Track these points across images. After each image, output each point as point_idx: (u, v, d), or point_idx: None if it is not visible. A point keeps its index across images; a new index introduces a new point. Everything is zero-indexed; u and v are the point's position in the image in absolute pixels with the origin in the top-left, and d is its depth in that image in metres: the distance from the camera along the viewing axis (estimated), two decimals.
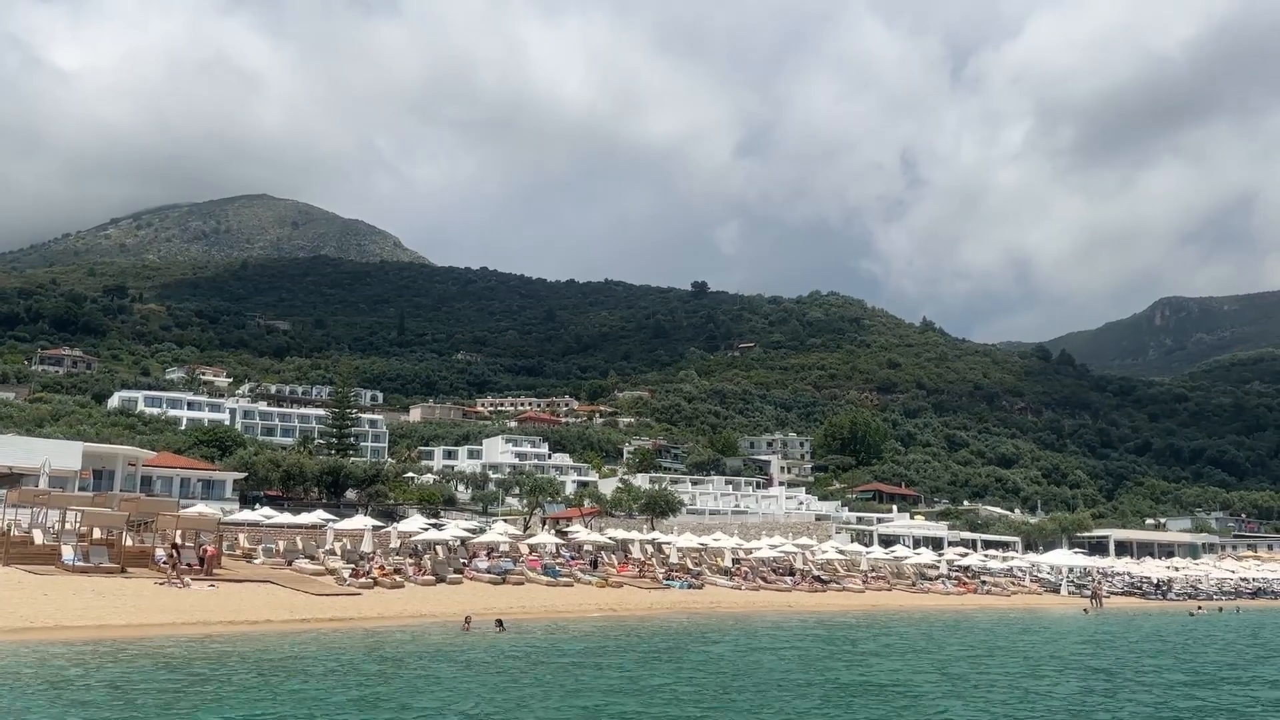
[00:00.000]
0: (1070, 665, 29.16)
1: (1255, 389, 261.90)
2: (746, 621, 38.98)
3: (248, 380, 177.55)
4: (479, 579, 42.30)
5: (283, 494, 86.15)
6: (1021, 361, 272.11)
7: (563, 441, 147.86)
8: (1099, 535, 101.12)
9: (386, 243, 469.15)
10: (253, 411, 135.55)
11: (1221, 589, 73.47)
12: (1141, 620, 51.02)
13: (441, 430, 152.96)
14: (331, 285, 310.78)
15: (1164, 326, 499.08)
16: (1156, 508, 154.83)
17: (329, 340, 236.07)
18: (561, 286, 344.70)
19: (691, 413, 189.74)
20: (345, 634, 27.85)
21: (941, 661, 28.32)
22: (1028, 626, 43.71)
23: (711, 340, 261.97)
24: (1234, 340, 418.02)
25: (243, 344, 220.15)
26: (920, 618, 44.14)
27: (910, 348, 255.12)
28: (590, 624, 34.20)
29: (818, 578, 55.53)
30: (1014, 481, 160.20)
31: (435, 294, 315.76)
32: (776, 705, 19.42)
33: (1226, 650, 36.21)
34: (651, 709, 18.68)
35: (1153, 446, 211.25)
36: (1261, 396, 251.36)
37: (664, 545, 56.81)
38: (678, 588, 47.22)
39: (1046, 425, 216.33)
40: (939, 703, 20.58)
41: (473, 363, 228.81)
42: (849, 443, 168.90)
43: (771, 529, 74.77)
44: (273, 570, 39.79)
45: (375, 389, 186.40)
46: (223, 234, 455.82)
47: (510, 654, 25.61)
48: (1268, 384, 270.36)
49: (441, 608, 33.79)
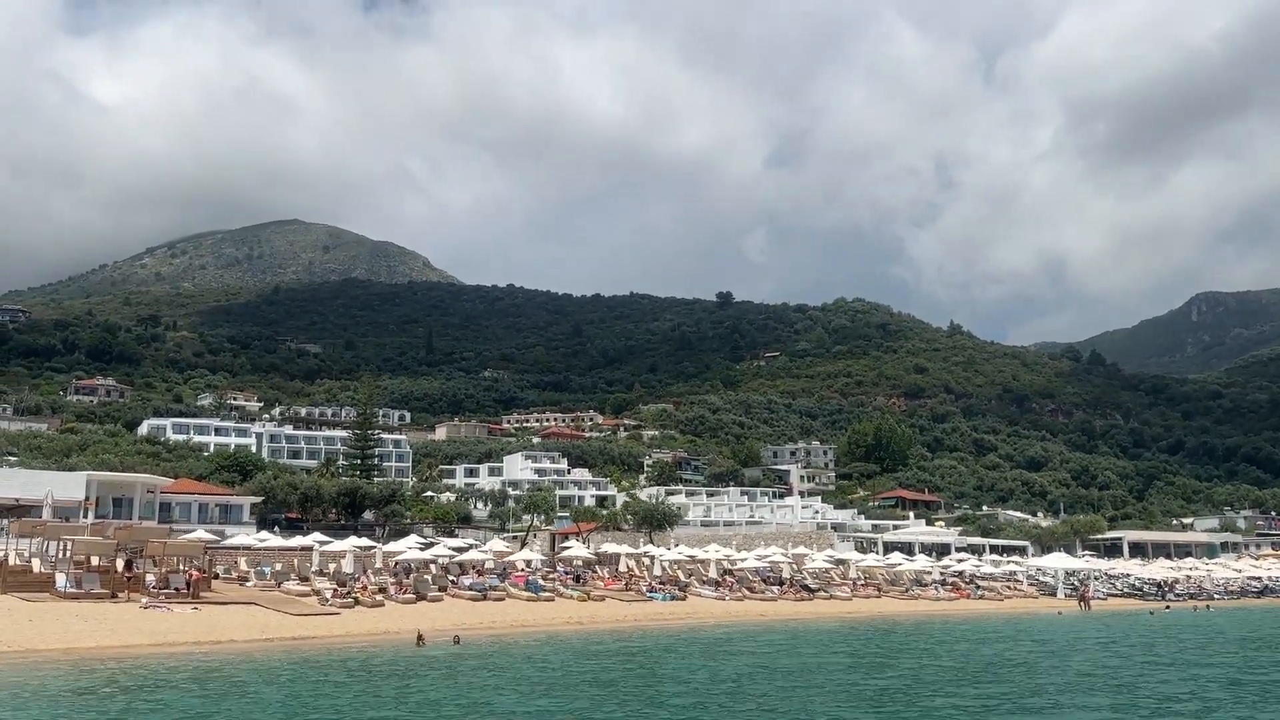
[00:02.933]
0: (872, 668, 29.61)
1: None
2: (697, 631, 40.06)
3: (278, 404, 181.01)
4: (460, 596, 43.59)
5: (301, 516, 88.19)
6: (1052, 363, 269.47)
7: (584, 456, 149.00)
8: (1113, 537, 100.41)
9: (416, 263, 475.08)
10: (279, 435, 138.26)
11: (1227, 589, 73.00)
12: (1107, 619, 51.49)
13: (465, 448, 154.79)
14: (361, 307, 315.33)
15: (1201, 322, 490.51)
16: (1187, 507, 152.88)
17: (359, 362, 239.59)
18: (588, 301, 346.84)
19: (716, 424, 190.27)
20: (287, 653, 29.04)
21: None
22: (965, 633, 43.81)
23: (737, 350, 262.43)
24: (1274, 334, 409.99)
25: (274, 368, 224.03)
26: (869, 623, 45.13)
27: (938, 352, 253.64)
28: (546, 638, 35.37)
29: (805, 586, 56.22)
30: (1041, 485, 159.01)
31: (463, 312, 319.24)
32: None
33: (1099, 652, 36.13)
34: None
35: (1186, 445, 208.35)
36: None
37: (651, 558, 57.82)
38: (660, 600, 48.20)
39: (1077, 427, 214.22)
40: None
41: (499, 380, 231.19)
42: (873, 450, 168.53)
43: (771, 539, 75.38)
44: (261, 592, 41.38)
45: (403, 409, 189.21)
46: (256, 259, 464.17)
47: (416, 669, 26.84)
48: None
49: (411, 625, 35.09)
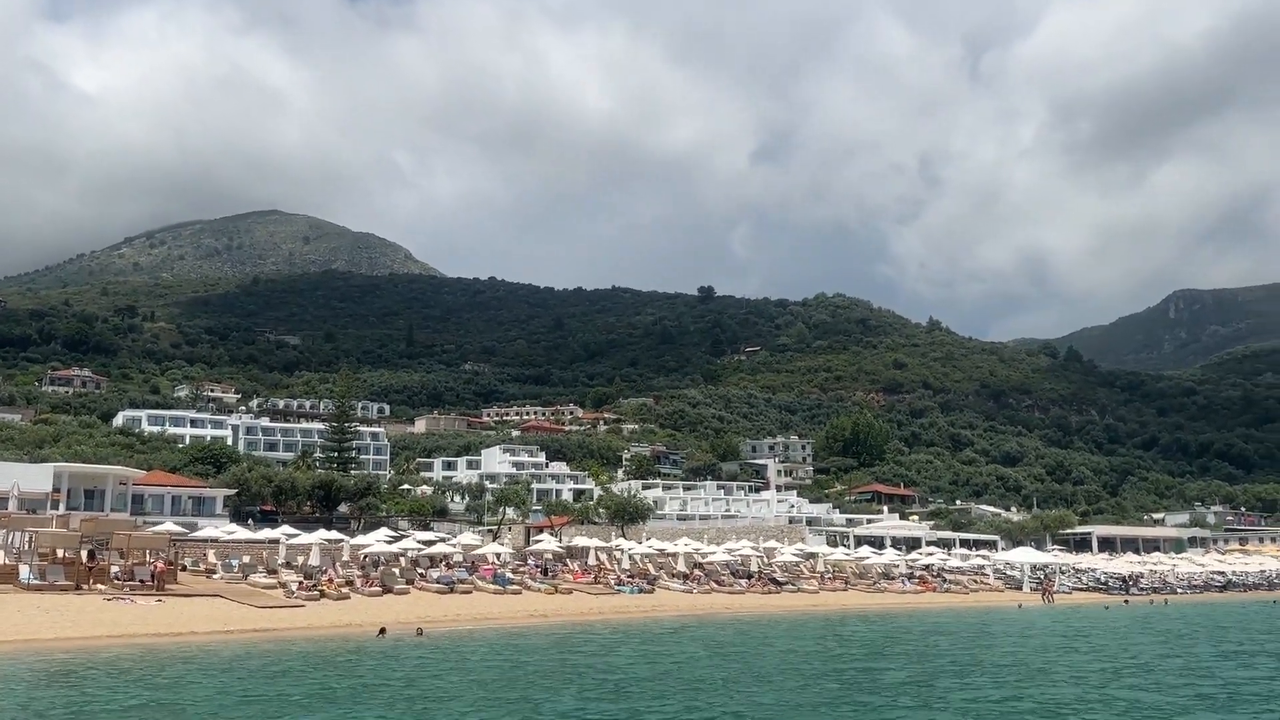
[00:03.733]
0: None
1: (1267, 380, 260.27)
2: (654, 624, 40.69)
3: (256, 396, 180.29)
4: (427, 589, 43.87)
5: (275, 509, 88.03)
6: (1030, 359, 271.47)
7: (563, 450, 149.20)
8: (1082, 532, 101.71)
9: (397, 255, 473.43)
10: (255, 427, 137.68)
11: (1190, 584, 74.14)
12: (1064, 613, 52.41)
13: (444, 441, 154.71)
14: (342, 299, 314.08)
15: (1178, 319, 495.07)
16: (1159, 503, 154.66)
17: (338, 354, 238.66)
18: (569, 294, 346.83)
19: (695, 418, 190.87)
20: (245, 645, 29.29)
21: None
22: (910, 625, 44.57)
23: (718, 345, 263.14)
24: (1249, 332, 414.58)
25: (252, 360, 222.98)
26: (825, 616, 45.96)
27: (917, 348, 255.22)
28: (507, 631, 35.80)
29: (773, 579, 56.79)
30: (1016, 480, 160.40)
31: (444, 305, 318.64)
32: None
33: (1024, 644, 37.09)
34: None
35: (1160, 441, 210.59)
36: (1272, 389, 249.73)
37: (620, 552, 58.21)
38: (628, 593, 48.62)
39: (1053, 422, 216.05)
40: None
41: (480, 373, 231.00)
42: (851, 444, 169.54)
43: (745, 533, 75.98)
44: (227, 585, 41.53)
45: (383, 402, 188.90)
46: (235, 250, 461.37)
47: (364, 660, 27.13)
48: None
49: (375, 617, 35.39)
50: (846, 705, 21.33)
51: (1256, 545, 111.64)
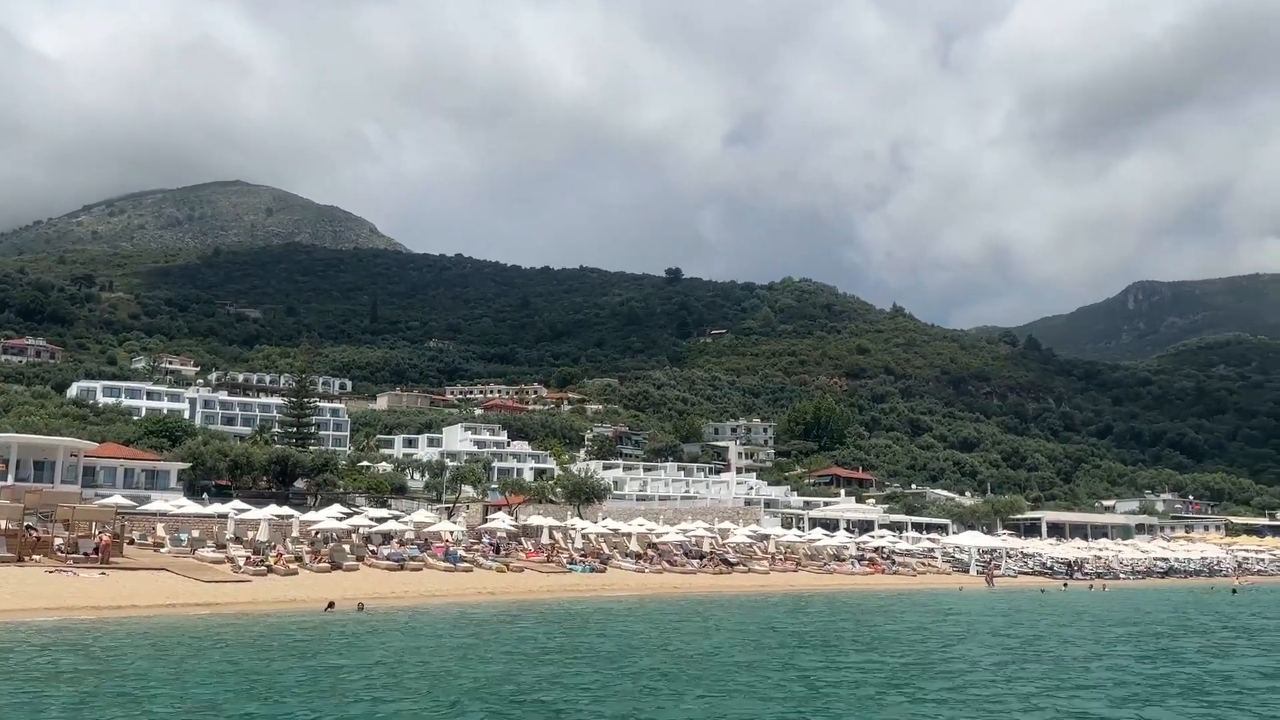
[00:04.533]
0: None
1: (1219, 373, 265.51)
2: (604, 602, 41.28)
3: (215, 369, 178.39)
4: (377, 566, 43.96)
5: (231, 484, 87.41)
6: (990, 347, 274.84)
7: (525, 429, 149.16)
8: (1032, 517, 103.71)
9: (362, 229, 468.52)
10: (213, 401, 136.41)
11: (1134, 569, 75.93)
12: (1000, 596, 53.67)
13: (405, 419, 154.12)
14: (305, 272, 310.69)
15: (1137, 310, 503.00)
16: (1111, 490, 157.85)
17: (300, 328, 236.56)
18: (537, 273, 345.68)
19: (660, 399, 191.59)
20: (186, 619, 29.28)
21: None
22: (839, 604, 45.58)
23: (684, 327, 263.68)
24: (1205, 324, 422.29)
25: (212, 332, 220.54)
26: (764, 595, 46.86)
27: (880, 334, 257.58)
28: (451, 607, 36.11)
29: (725, 560, 57.47)
30: (971, 465, 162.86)
31: (409, 281, 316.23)
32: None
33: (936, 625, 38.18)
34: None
35: (1114, 430, 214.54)
36: (1224, 380, 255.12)
37: (574, 531, 58.64)
38: (580, 571, 49.01)
39: (1011, 409, 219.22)
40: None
41: (444, 350, 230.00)
42: (812, 428, 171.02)
43: (702, 514, 76.64)
44: (174, 559, 41.34)
45: (345, 377, 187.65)
46: (197, 220, 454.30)
47: (290, 635, 27.51)
48: (1233, 367, 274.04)
49: (322, 593, 35.45)
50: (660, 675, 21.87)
51: (1201, 533, 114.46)
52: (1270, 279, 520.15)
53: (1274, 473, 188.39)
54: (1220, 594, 62.26)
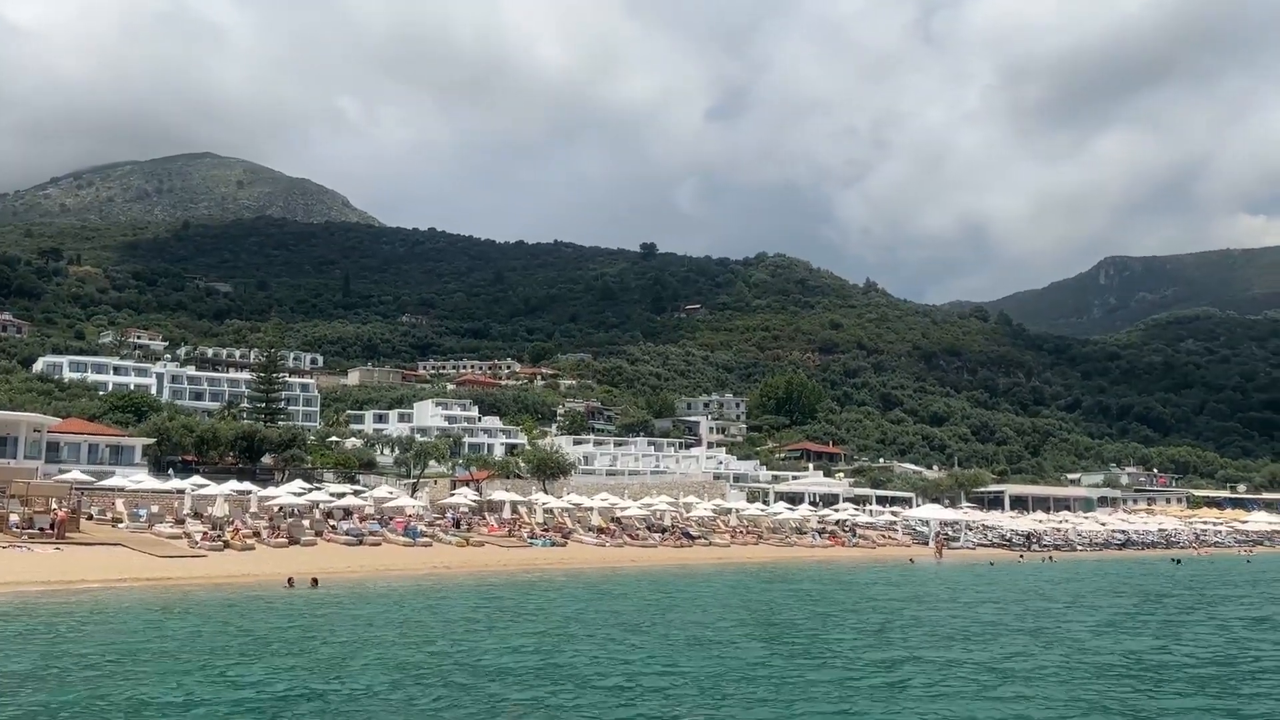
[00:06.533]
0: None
1: (1187, 347, 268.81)
2: (570, 574, 41.78)
3: (184, 344, 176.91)
4: (335, 541, 44.17)
5: (197, 460, 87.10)
6: (961, 322, 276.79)
7: (498, 404, 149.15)
8: (995, 490, 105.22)
9: (335, 202, 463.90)
10: (181, 376, 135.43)
11: (1092, 542, 77.30)
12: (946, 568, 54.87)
13: (377, 394, 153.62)
14: (276, 246, 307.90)
15: (1108, 285, 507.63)
16: (1078, 463, 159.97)
17: (271, 302, 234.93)
18: (511, 248, 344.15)
19: (633, 375, 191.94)
20: (136, 594, 29.46)
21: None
22: (778, 575, 46.32)
23: (659, 302, 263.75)
24: (1175, 299, 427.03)
25: (181, 306, 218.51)
26: (716, 568, 47.93)
27: (853, 309, 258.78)
28: (405, 582, 36.49)
29: (686, 533, 58.06)
30: (941, 439, 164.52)
31: (382, 255, 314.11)
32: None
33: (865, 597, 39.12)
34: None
35: (1082, 404, 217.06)
36: (1191, 354, 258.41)
37: (536, 505, 59.03)
38: (540, 546, 49.39)
39: (981, 384, 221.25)
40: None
41: (417, 325, 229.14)
42: (784, 403, 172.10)
43: (670, 488, 77.22)
44: (130, 534, 41.36)
45: (316, 352, 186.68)
46: (166, 193, 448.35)
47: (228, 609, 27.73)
48: (1201, 342, 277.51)
49: (278, 569, 35.64)
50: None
51: (1162, 505, 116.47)
52: (1241, 254, 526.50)
53: (1238, 446, 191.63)
54: (1165, 564, 63.54)
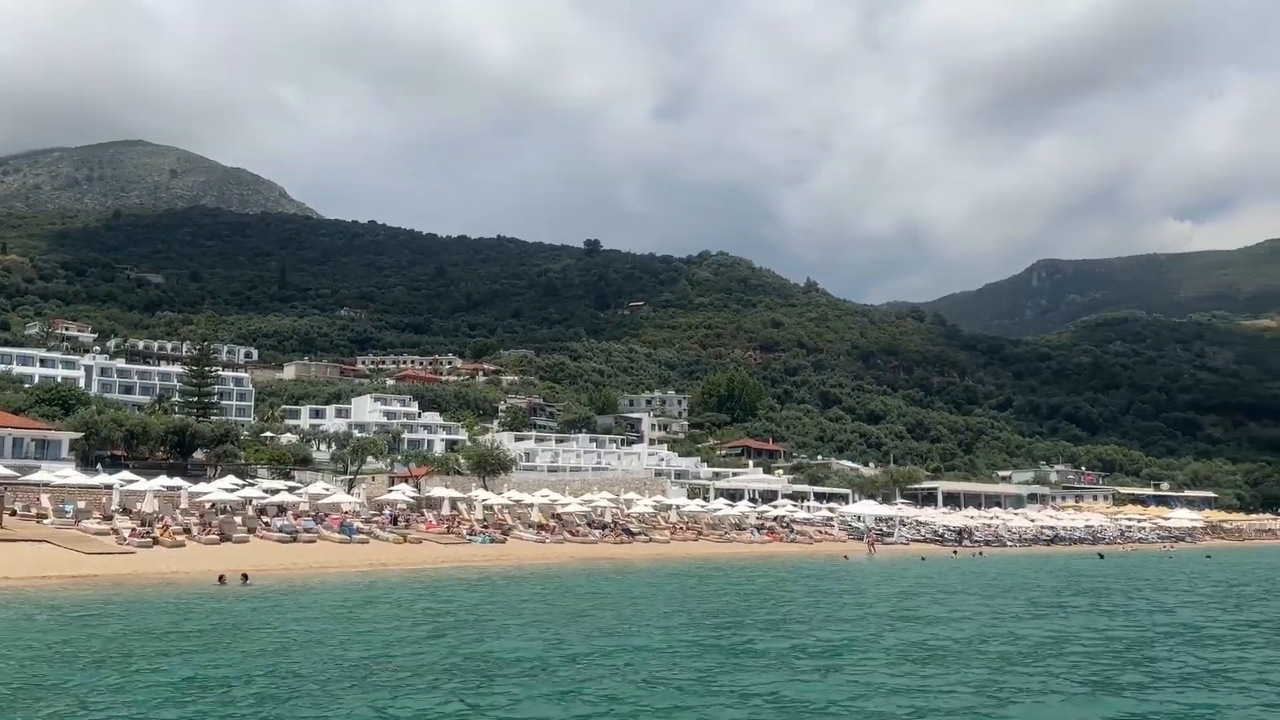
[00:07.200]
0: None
1: (1115, 349, 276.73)
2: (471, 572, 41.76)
3: (114, 336, 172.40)
4: (268, 538, 43.47)
5: (126, 455, 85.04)
6: (898, 322, 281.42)
7: (438, 400, 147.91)
8: (929, 487, 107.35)
9: (271, 192, 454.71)
10: (110, 369, 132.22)
11: (1021, 537, 79.31)
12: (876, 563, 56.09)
13: (314, 389, 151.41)
14: (210, 236, 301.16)
15: (1040, 288, 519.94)
16: (1009, 461, 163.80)
17: (204, 294, 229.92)
18: (453, 242, 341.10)
19: (576, 371, 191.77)
20: (56, 592, 28.76)
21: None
22: (706, 571, 46.95)
23: (602, 299, 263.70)
24: (1104, 301, 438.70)
25: (111, 298, 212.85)
26: (646, 563, 48.46)
27: (794, 308, 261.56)
28: (331, 579, 36.11)
29: (627, 530, 58.25)
30: (877, 437, 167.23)
31: (320, 247, 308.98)
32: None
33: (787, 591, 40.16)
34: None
35: (1014, 403, 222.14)
36: (1119, 356, 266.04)
37: (476, 502, 58.72)
38: (479, 542, 49.15)
39: (916, 383, 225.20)
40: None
41: (356, 319, 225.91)
42: (725, 400, 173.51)
43: (611, 485, 77.35)
44: (55, 531, 40.25)
45: (251, 346, 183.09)
46: (97, 181, 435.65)
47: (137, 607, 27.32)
48: (1128, 343, 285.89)
49: (208, 566, 35.05)
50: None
51: (1090, 502, 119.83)
52: (1167, 259, 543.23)
53: (1163, 445, 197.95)
54: (1090, 560, 65.43)
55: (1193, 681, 19.33)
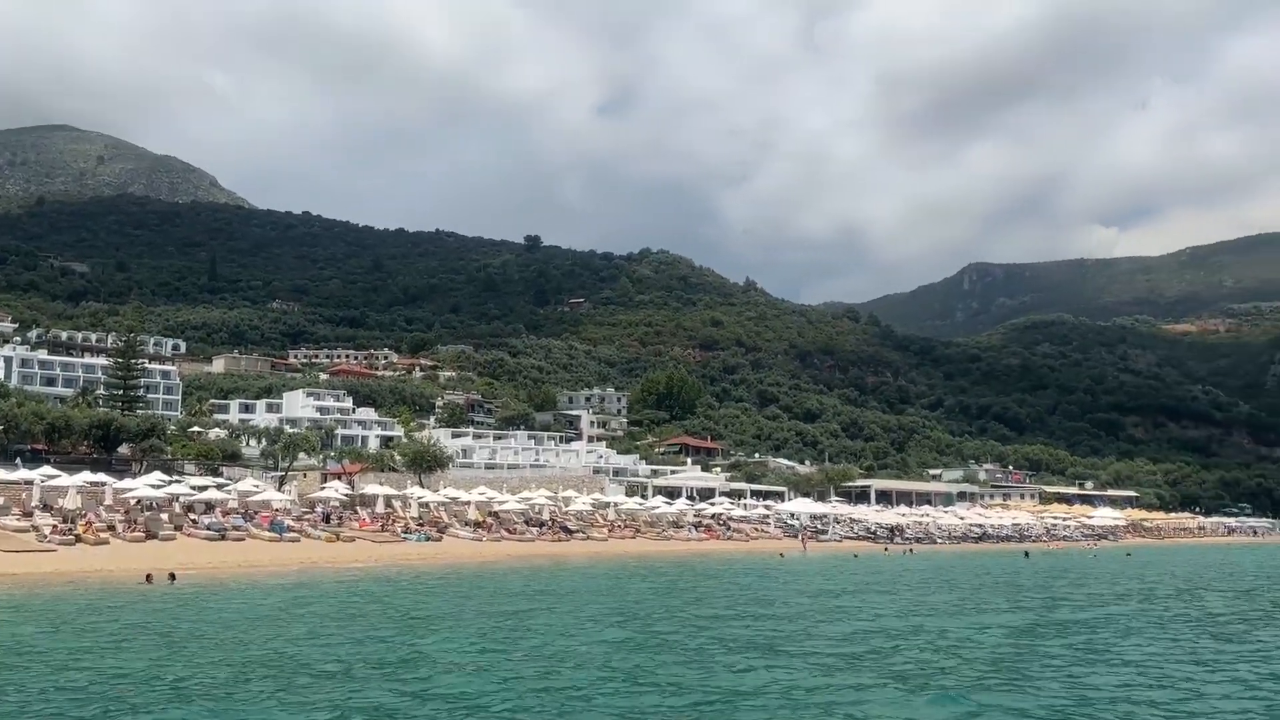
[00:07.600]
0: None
1: (1042, 351, 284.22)
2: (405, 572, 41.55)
3: (36, 326, 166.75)
4: (195, 535, 42.48)
5: (48, 449, 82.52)
6: (834, 322, 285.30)
7: (373, 396, 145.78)
8: (862, 485, 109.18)
9: (202, 181, 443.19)
10: (31, 360, 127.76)
11: (951, 535, 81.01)
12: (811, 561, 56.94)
13: (244, 383, 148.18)
14: (137, 225, 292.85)
15: (971, 290, 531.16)
16: (939, 459, 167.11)
17: (131, 284, 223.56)
18: (390, 235, 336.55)
19: (515, 368, 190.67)
20: None
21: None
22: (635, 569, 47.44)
23: (542, 295, 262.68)
24: (1033, 305, 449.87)
25: (33, 287, 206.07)
26: (581, 561, 48.39)
27: (733, 307, 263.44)
28: (259, 578, 35.50)
29: (565, 528, 58.15)
30: (813, 435, 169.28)
31: (253, 238, 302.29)
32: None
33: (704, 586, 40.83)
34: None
35: (945, 403, 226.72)
36: (1046, 358, 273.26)
37: (411, 499, 58.11)
38: (414, 540, 48.63)
39: (851, 382, 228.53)
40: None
41: (288, 312, 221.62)
42: (664, 398, 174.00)
43: (550, 482, 77.12)
44: None
45: (179, 338, 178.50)
46: (19, 166, 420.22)
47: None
48: (1055, 346, 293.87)
49: (133, 564, 34.14)
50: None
51: (1017, 501, 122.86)
52: (1094, 264, 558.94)
53: (1088, 445, 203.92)
54: (1014, 558, 67.06)
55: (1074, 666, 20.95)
